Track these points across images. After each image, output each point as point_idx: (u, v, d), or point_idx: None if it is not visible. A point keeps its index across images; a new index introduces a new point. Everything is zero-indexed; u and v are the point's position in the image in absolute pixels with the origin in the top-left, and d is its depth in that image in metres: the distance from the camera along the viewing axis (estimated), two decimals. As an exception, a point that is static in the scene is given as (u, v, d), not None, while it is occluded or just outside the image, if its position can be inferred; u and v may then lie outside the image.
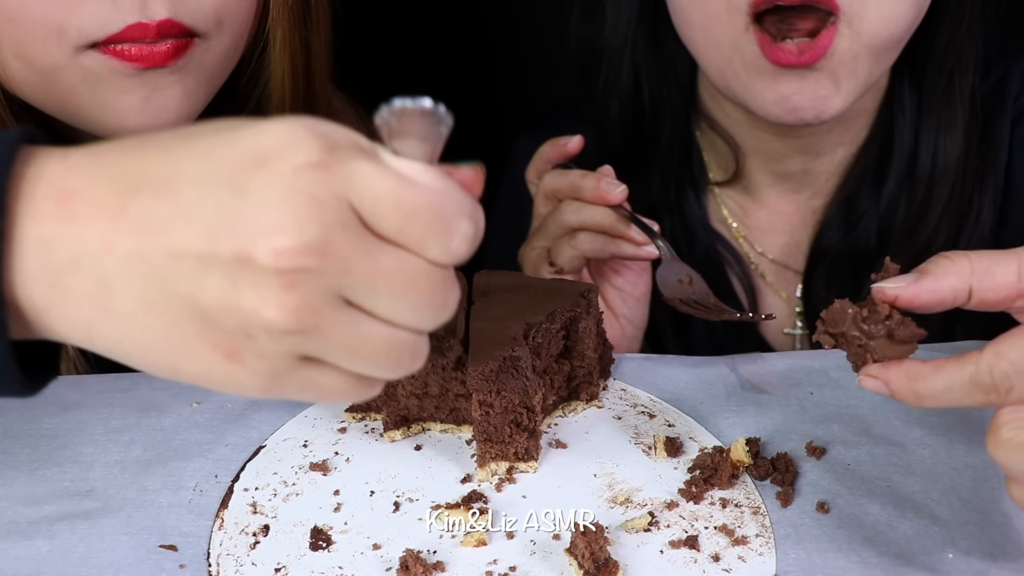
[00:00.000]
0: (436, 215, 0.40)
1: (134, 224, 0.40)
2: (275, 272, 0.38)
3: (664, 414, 0.65)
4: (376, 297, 0.41)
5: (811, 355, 0.71)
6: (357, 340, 0.41)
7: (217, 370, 0.41)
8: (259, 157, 0.39)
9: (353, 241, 0.40)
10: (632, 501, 0.58)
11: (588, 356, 0.65)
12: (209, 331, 0.40)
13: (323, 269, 0.39)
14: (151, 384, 0.68)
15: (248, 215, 0.39)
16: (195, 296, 0.40)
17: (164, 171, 0.41)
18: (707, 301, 0.72)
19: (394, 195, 0.40)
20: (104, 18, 0.64)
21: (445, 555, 0.55)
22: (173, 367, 0.42)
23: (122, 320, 0.41)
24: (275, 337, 0.40)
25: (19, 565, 0.54)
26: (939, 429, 0.63)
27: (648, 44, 0.91)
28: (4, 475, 0.60)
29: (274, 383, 0.42)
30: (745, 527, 0.56)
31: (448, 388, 0.63)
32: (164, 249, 0.40)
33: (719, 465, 0.59)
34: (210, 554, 0.55)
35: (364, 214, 0.40)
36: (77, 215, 0.40)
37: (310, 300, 0.39)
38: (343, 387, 0.43)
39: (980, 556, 0.54)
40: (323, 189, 0.39)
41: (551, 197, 0.80)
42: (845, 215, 0.90)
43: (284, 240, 0.38)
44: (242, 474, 0.61)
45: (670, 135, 0.93)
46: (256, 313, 0.39)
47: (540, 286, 0.67)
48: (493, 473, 0.60)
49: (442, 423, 0.64)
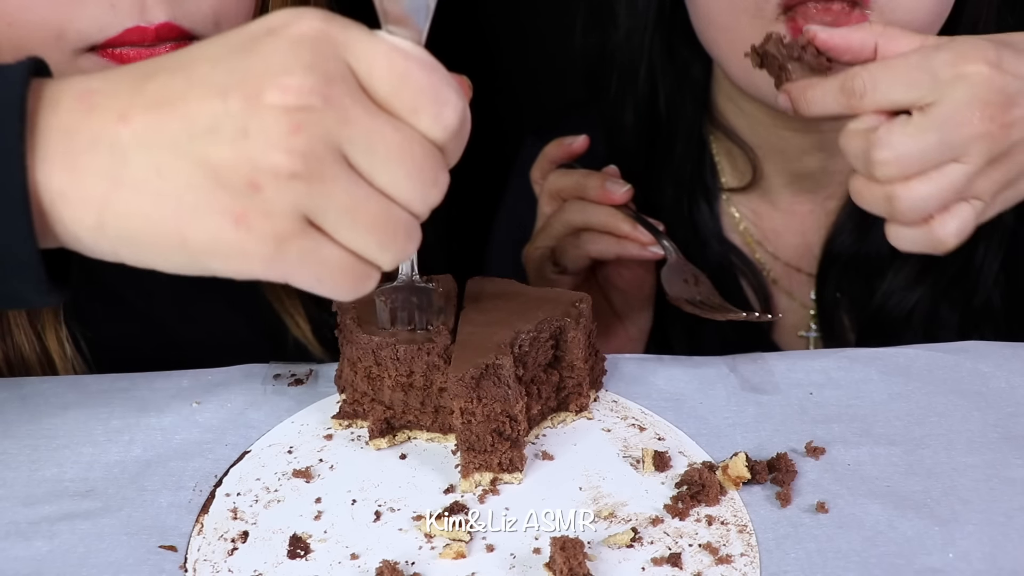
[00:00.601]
0: (428, 81, 0.44)
1: (149, 98, 0.43)
2: (283, 111, 0.41)
3: (655, 427, 0.65)
4: (373, 158, 0.43)
5: (811, 355, 0.71)
6: (357, 200, 0.43)
7: (224, 236, 0.43)
8: (266, 29, 0.44)
9: (352, 95, 0.43)
10: (616, 516, 0.57)
11: (577, 367, 0.64)
12: (218, 192, 0.42)
13: (325, 113, 0.42)
14: (151, 384, 0.68)
15: (256, 67, 0.42)
16: (206, 154, 0.42)
17: (180, 58, 0.45)
18: (712, 300, 0.72)
19: (389, 59, 0.43)
20: (103, 21, 0.64)
21: (423, 567, 0.54)
22: (181, 237, 0.44)
23: (134, 191, 0.43)
24: (281, 184, 0.42)
25: (19, 565, 0.54)
26: (939, 429, 0.64)
27: (664, 52, 0.91)
28: (4, 475, 0.60)
29: (278, 251, 0.43)
30: (730, 546, 0.55)
31: (432, 379, 0.62)
32: (178, 115, 0.43)
33: (707, 481, 0.58)
34: (187, 559, 0.55)
35: (361, 76, 0.43)
36: (96, 105, 0.44)
37: (314, 145, 0.42)
38: (342, 265, 0.45)
39: (980, 556, 0.54)
40: (325, 46, 0.43)
41: (555, 197, 0.80)
42: (858, 220, 0.90)
43: (291, 79, 0.42)
44: (225, 479, 0.61)
45: (684, 144, 0.93)
46: (264, 156, 0.42)
47: (532, 295, 0.66)
48: (477, 484, 0.59)
49: (428, 431, 0.64)
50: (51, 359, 0.73)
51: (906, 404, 0.66)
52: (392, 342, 0.61)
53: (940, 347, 0.71)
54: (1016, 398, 0.66)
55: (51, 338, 0.72)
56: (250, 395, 0.67)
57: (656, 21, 0.90)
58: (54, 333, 0.73)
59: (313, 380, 0.69)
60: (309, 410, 0.66)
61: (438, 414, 0.63)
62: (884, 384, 0.67)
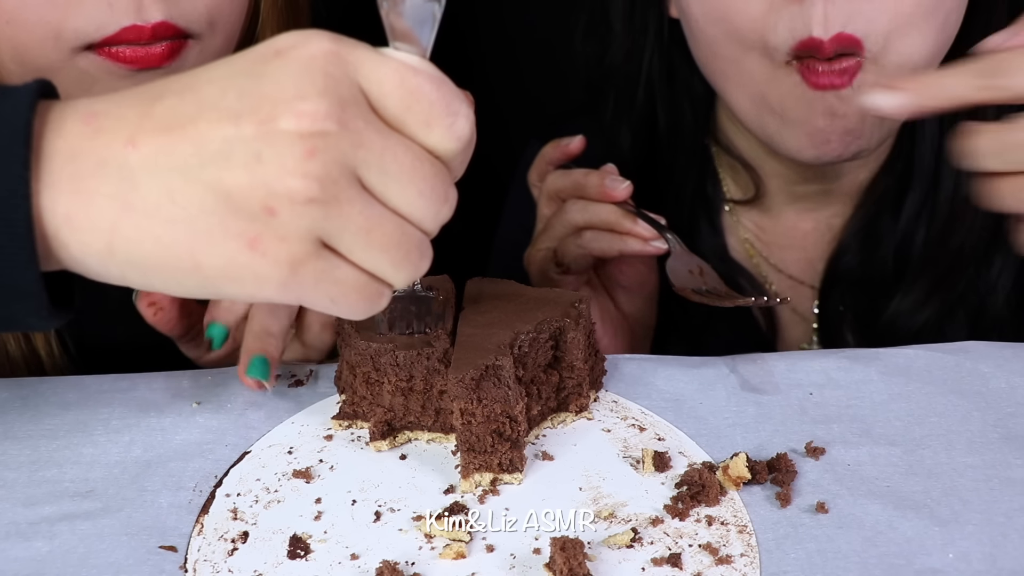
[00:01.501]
0: (439, 95, 0.44)
1: (158, 122, 0.43)
2: (298, 137, 0.41)
3: (655, 427, 0.65)
4: (387, 178, 0.43)
5: (811, 355, 0.71)
6: (372, 221, 0.43)
7: (239, 260, 0.43)
8: (274, 51, 0.43)
9: (365, 117, 0.43)
10: (616, 516, 0.57)
11: (577, 367, 0.64)
12: (232, 217, 0.42)
13: (340, 137, 0.42)
14: (151, 384, 0.68)
15: (269, 92, 0.42)
16: (219, 179, 0.42)
17: (187, 80, 0.44)
18: (719, 290, 0.71)
19: (400, 76, 0.44)
20: (100, 20, 0.64)
21: (423, 567, 0.54)
22: (194, 261, 0.43)
23: (145, 215, 0.43)
24: (297, 209, 0.42)
25: (19, 566, 0.54)
26: (939, 429, 0.64)
27: (664, 71, 0.90)
28: (4, 476, 0.60)
29: (293, 274, 0.43)
30: (730, 546, 0.55)
31: (432, 383, 0.62)
32: (189, 139, 0.42)
33: (707, 482, 0.58)
34: (187, 560, 0.55)
35: (372, 95, 0.43)
36: (103, 128, 0.43)
37: (330, 169, 0.42)
38: (356, 285, 0.45)
39: (980, 556, 0.54)
40: (336, 69, 0.43)
41: (555, 198, 0.80)
42: (863, 240, 0.89)
43: (305, 105, 0.42)
44: (225, 479, 0.61)
45: (686, 159, 0.92)
46: (280, 182, 0.41)
47: (531, 295, 0.66)
48: (477, 484, 0.59)
49: (429, 431, 0.64)
50: (39, 359, 0.72)
51: (906, 404, 0.66)
52: (391, 348, 0.61)
53: (940, 347, 0.71)
54: (1016, 398, 0.66)
55: (39, 338, 0.72)
56: (250, 396, 0.67)
57: (656, 39, 0.89)
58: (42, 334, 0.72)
59: (313, 381, 0.69)
60: (309, 411, 0.66)
61: (439, 415, 0.63)
62: (884, 384, 0.67)
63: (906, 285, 0.87)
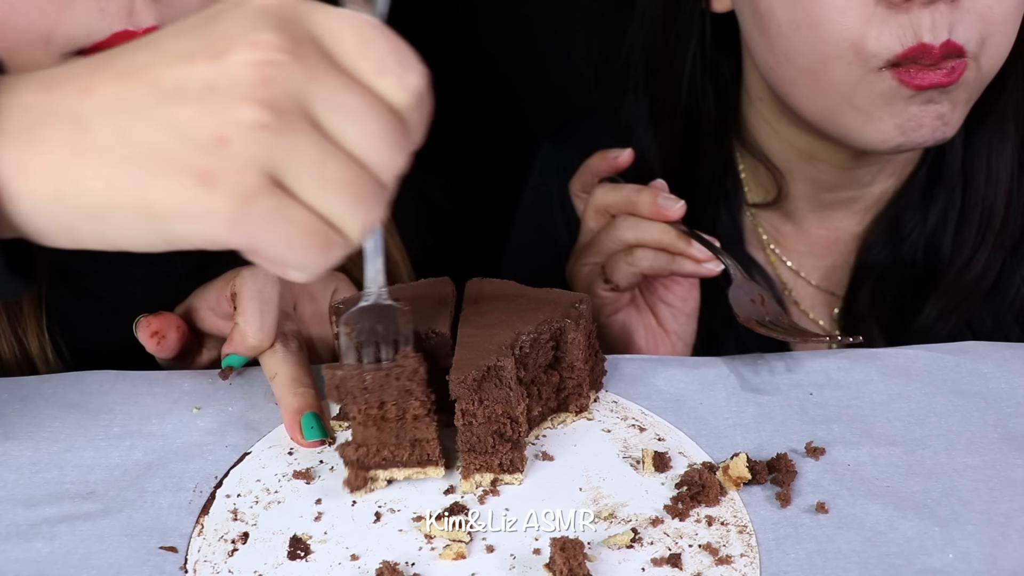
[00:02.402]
0: (390, 47, 0.44)
1: (113, 72, 0.43)
2: (251, 66, 0.41)
3: (655, 428, 0.65)
4: (340, 115, 0.43)
5: (811, 355, 0.71)
6: (324, 156, 0.43)
7: (190, 196, 0.42)
8: (230, 5, 0.44)
9: (318, 53, 0.43)
10: (616, 516, 0.57)
11: (577, 368, 0.64)
12: (183, 150, 0.42)
13: (294, 69, 0.42)
14: (151, 389, 0.68)
15: (222, 31, 0.43)
16: (171, 113, 0.42)
17: (143, 38, 0.45)
18: (782, 321, 0.70)
19: (353, 25, 0.44)
20: (91, 25, 0.64)
21: (423, 567, 0.54)
22: (144, 201, 0.43)
23: (95, 156, 0.43)
24: (249, 136, 0.41)
25: (19, 567, 0.54)
26: (939, 429, 0.64)
27: (703, 67, 0.89)
28: (4, 477, 0.61)
29: (245, 210, 0.42)
30: (730, 546, 0.55)
31: (406, 409, 0.59)
32: (143, 82, 0.43)
33: (707, 482, 0.58)
34: (187, 560, 0.55)
35: (326, 42, 0.44)
36: (57, 82, 0.44)
37: (283, 100, 0.42)
38: (310, 227, 0.44)
39: (980, 556, 0.54)
40: (289, 14, 0.43)
41: (603, 212, 0.78)
42: (892, 231, 0.89)
43: (259, 35, 0.42)
44: (225, 480, 0.61)
45: (710, 157, 0.91)
46: (232, 108, 0.41)
47: (532, 296, 0.66)
48: (477, 485, 0.59)
49: (404, 467, 0.60)
50: (32, 362, 0.72)
51: (906, 404, 0.66)
52: (358, 372, 0.58)
53: (940, 347, 0.71)
54: (1016, 398, 0.66)
55: (32, 341, 0.72)
56: (250, 397, 0.67)
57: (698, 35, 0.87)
58: (36, 337, 0.72)
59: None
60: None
61: (415, 447, 0.60)
62: (884, 384, 0.67)
63: (937, 293, 0.86)
